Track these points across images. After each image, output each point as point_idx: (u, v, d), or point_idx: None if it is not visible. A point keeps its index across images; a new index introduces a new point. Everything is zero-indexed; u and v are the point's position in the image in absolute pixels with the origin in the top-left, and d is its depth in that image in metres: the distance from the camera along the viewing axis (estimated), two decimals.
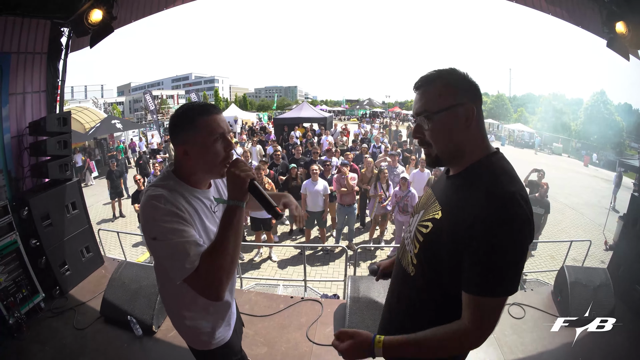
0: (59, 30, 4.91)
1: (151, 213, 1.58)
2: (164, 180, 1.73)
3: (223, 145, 1.71)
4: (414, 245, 1.56)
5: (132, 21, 5.83)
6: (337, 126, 21.55)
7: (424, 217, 1.55)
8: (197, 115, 1.67)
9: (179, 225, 1.57)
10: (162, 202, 1.59)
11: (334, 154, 10.99)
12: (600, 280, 4.37)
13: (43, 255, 4.62)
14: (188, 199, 1.72)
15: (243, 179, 1.61)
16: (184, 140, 1.69)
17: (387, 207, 8.20)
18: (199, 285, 1.54)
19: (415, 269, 1.55)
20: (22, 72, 4.72)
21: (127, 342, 4.04)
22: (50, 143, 4.69)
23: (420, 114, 1.47)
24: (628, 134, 39.20)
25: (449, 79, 1.43)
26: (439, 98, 1.42)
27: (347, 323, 3.96)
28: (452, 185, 1.51)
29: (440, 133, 1.45)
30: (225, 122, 1.75)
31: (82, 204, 5.43)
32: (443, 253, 1.40)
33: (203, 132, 1.66)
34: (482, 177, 1.39)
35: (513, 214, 1.26)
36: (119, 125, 21.77)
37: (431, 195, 1.65)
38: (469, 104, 1.41)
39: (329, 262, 7.97)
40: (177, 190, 1.69)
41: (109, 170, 12.28)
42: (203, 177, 1.82)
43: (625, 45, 4.59)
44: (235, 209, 1.60)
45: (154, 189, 1.65)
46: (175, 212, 1.59)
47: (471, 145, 1.45)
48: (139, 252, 9.06)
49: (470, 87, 1.43)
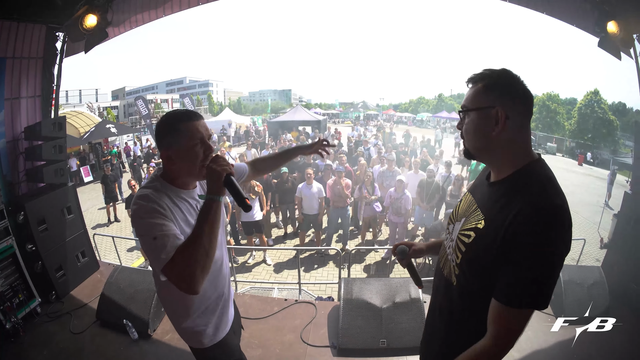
0: (54, 35, 4.93)
1: (136, 212, 1.69)
2: (151, 182, 1.85)
3: (202, 148, 1.80)
4: (456, 255, 1.56)
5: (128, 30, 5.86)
6: (330, 129, 21.55)
7: (466, 226, 1.55)
8: (178, 122, 1.77)
9: (159, 220, 1.65)
10: (145, 200, 1.70)
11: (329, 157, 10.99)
12: (594, 279, 4.41)
13: (39, 259, 4.63)
14: (173, 199, 1.81)
15: (219, 173, 1.68)
16: (167, 145, 1.78)
17: (375, 209, 8.20)
18: (173, 276, 1.57)
19: (457, 279, 1.55)
20: (17, 76, 4.73)
21: (123, 346, 4.05)
22: (45, 148, 4.70)
23: (461, 108, 1.53)
24: (622, 132, 39.48)
25: (490, 81, 1.44)
26: (476, 97, 1.46)
27: (341, 325, 3.99)
28: (496, 192, 1.49)
29: (471, 130, 1.49)
30: (205, 127, 1.85)
31: (78, 208, 5.44)
32: (485, 263, 1.39)
33: (184, 137, 1.76)
34: (528, 187, 1.37)
35: (559, 228, 1.27)
36: (113, 129, 21.64)
37: (472, 202, 1.63)
38: (502, 109, 1.40)
39: (324, 265, 7.98)
40: (162, 191, 1.80)
41: (104, 175, 12.23)
42: (187, 180, 1.92)
43: (617, 45, 4.64)
44: (212, 202, 1.66)
45: (141, 190, 1.78)
46: (156, 209, 1.68)
47: (509, 150, 1.45)
48: (134, 256, 9.04)
49: (512, 92, 1.42)
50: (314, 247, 8.58)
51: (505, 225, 1.32)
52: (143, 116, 28.45)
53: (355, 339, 3.91)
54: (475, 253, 1.45)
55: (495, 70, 1.46)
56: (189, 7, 6.25)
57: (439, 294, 1.73)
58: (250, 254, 8.32)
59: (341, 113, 62.93)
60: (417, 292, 4.12)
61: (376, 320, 3.98)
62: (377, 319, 3.98)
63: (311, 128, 22.28)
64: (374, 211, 8.25)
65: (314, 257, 8.31)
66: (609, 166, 19.85)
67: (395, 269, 7.81)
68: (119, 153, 21.61)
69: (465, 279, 1.50)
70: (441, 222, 7.18)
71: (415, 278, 2.09)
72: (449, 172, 9.57)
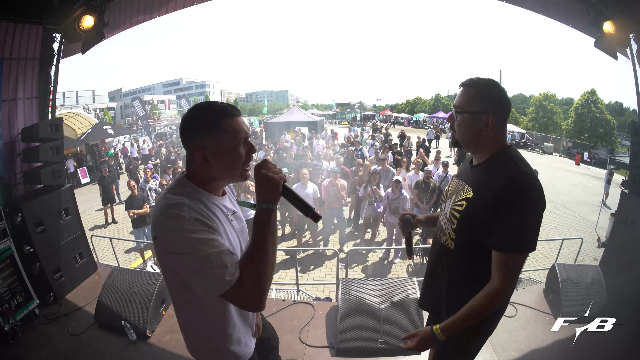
0: (51, 36, 4.92)
1: (174, 224, 1.42)
2: (180, 187, 1.58)
3: (245, 148, 1.60)
4: (451, 223, 1.94)
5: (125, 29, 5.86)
6: (327, 130, 21.58)
7: (457, 199, 1.93)
8: (218, 118, 1.53)
9: (208, 234, 1.44)
10: (184, 210, 1.44)
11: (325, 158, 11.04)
12: (592, 278, 4.42)
13: (37, 261, 4.63)
14: (208, 207, 1.58)
15: (277, 181, 1.54)
16: (203, 145, 1.53)
17: (377, 209, 8.21)
18: (241, 296, 1.45)
19: (454, 243, 1.93)
20: (14, 78, 4.73)
21: (121, 347, 4.05)
22: (42, 149, 4.70)
23: (455, 107, 1.89)
24: (619, 132, 39.63)
25: (483, 90, 1.81)
26: (470, 101, 1.83)
27: (339, 325, 3.99)
28: (478, 171, 1.89)
29: (463, 128, 1.87)
30: (246, 124, 1.65)
31: (75, 210, 5.44)
32: (478, 222, 1.77)
33: (225, 136, 1.53)
34: (503, 163, 1.79)
35: (530, 187, 1.66)
36: (110, 130, 21.61)
37: (459, 182, 2.01)
38: (491, 115, 1.79)
39: (321, 265, 7.98)
40: (196, 197, 1.55)
41: (101, 176, 12.18)
42: (223, 183, 1.72)
43: (613, 45, 4.65)
44: (270, 212, 1.52)
45: (171, 197, 1.50)
46: (201, 220, 1.46)
47: (490, 143, 1.85)
48: (131, 258, 9.02)
49: (499, 101, 1.81)
50: (312, 247, 8.55)
51: (490, 190, 1.73)
52: (140, 117, 28.50)
53: (353, 339, 3.91)
54: (468, 215, 1.84)
55: (486, 80, 1.85)
56: (184, 6, 6.26)
57: (438, 260, 2.10)
58: None
59: (338, 114, 62.99)
60: (415, 291, 4.13)
61: (374, 320, 3.98)
62: (375, 319, 3.99)
63: (308, 129, 22.25)
64: (375, 211, 8.25)
65: (311, 258, 8.30)
66: (606, 165, 19.89)
67: (393, 269, 7.81)
68: (116, 154, 21.54)
69: (461, 240, 1.89)
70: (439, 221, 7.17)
71: (409, 248, 2.46)
72: (446, 173, 9.60)
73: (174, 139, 27.21)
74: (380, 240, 9.28)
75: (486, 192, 1.75)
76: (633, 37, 4.58)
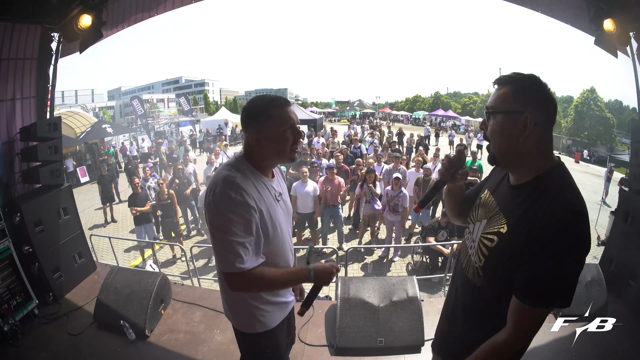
0: (49, 36, 4.90)
1: (221, 201, 1.72)
2: (237, 163, 1.90)
3: (292, 133, 1.88)
4: (479, 258, 1.61)
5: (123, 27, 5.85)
6: (326, 128, 21.56)
7: (489, 229, 1.60)
8: (271, 108, 1.85)
9: (243, 218, 1.73)
10: (234, 190, 1.72)
11: (325, 156, 11.04)
12: (592, 276, 4.40)
13: (36, 261, 4.62)
14: (257, 186, 1.87)
15: (326, 283, 1.95)
16: (257, 129, 1.85)
17: (375, 207, 8.20)
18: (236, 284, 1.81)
19: (482, 281, 1.61)
20: (12, 78, 4.71)
21: (120, 347, 4.05)
22: (41, 148, 4.69)
23: (487, 108, 1.54)
24: (618, 130, 39.66)
25: (520, 86, 1.46)
26: (504, 100, 1.47)
27: (338, 324, 3.99)
28: (518, 197, 1.52)
29: (497, 132, 1.51)
30: (295, 113, 1.93)
31: (74, 209, 5.43)
32: (509, 267, 1.44)
33: (276, 122, 1.84)
34: (548, 191, 1.41)
35: (579, 232, 1.33)
36: (109, 129, 21.61)
37: (493, 204, 1.66)
38: (530, 115, 1.42)
39: None
40: (248, 176, 1.85)
41: (100, 175, 12.17)
42: (273, 163, 2.03)
43: (613, 43, 4.64)
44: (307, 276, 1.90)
45: (229, 171, 1.82)
46: (245, 202, 1.74)
47: (532, 157, 1.48)
48: (131, 257, 9.01)
49: (540, 100, 1.44)
50: None
51: (529, 231, 1.38)
52: (139, 116, 28.47)
53: (352, 338, 3.91)
54: (498, 257, 1.51)
55: (525, 75, 1.48)
56: (182, 5, 6.24)
57: (460, 293, 1.80)
58: None
59: (337, 112, 62.94)
60: (415, 290, 4.13)
61: (373, 319, 3.98)
62: (375, 317, 3.98)
63: (307, 127, 22.23)
64: (373, 209, 8.25)
65: (310, 256, 8.25)
66: (605, 163, 19.90)
67: (392, 268, 7.81)
68: (116, 153, 21.53)
69: (488, 281, 1.57)
70: (438, 220, 7.18)
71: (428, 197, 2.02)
72: None
73: (175, 138, 27.27)
74: (379, 238, 9.28)
75: (525, 229, 1.40)
76: (633, 35, 4.57)
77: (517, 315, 1.42)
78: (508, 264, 1.45)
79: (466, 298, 1.74)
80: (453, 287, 1.90)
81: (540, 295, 1.36)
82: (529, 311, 1.39)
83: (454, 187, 2.00)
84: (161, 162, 15.79)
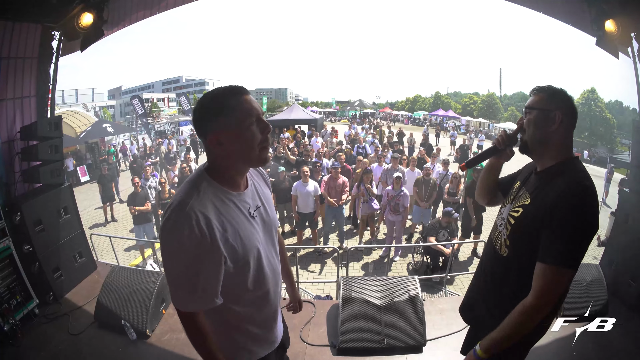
0: (50, 34, 4.88)
1: (172, 236, 1.44)
2: (195, 182, 1.56)
3: (259, 127, 1.56)
4: (506, 228, 1.92)
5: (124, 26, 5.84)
6: (327, 127, 21.53)
7: (516, 205, 1.91)
8: (228, 98, 1.52)
9: (196, 260, 1.44)
10: (184, 219, 1.42)
11: (325, 156, 11.02)
12: (592, 276, 4.39)
13: (36, 260, 4.61)
14: (219, 208, 1.54)
15: None
16: (215, 127, 1.51)
17: (372, 207, 8.19)
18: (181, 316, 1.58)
19: (508, 250, 1.90)
20: (13, 77, 4.70)
21: (121, 347, 4.04)
22: (41, 148, 4.68)
23: (526, 108, 1.92)
24: (619, 130, 39.66)
25: (553, 92, 1.84)
26: (540, 101, 1.86)
27: (340, 324, 3.97)
28: (540, 179, 1.87)
29: (532, 126, 1.87)
30: (257, 102, 1.60)
31: (74, 208, 5.42)
32: (532, 231, 1.73)
33: (237, 114, 1.51)
34: (565, 173, 1.75)
35: (587, 202, 1.62)
36: (110, 129, 21.64)
37: (522, 188, 1.98)
38: (559, 113, 1.79)
39: (321, 264, 7.98)
40: (209, 195, 1.53)
41: (100, 175, 12.19)
42: (242, 169, 1.66)
43: (615, 43, 4.63)
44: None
45: (184, 194, 1.50)
46: (198, 239, 1.42)
47: (556, 147, 1.84)
48: (131, 256, 9.02)
49: (567, 107, 1.82)
50: (312, 245, 8.53)
51: (546, 201, 1.70)
52: (139, 115, 28.48)
53: (354, 337, 3.90)
54: (523, 225, 1.80)
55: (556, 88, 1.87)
56: (184, 3, 6.24)
57: (488, 264, 2.09)
58: None
59: (338, 111, 62.92)
60: (416, 290, 4.12)
61: (375, 318, 3.97)
62: (377, 317, 3.97)
63: (308, 127, 22.21)
64: (371, 209, 8.23)
65: (312, 256, 8.30)
66: (605, 164, 19.92)
67: (393, 267, 7.81)
68: (116, 152, 21.55)
69: (514, 248, 1.86)
70: (439, 219, 7.17)
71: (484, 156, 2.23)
72: (446, 170, 9.59)
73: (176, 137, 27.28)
74: (380, 238, 9.28)
75: (543, 200, 1.72)
76: (634, 35, 4.56)
77: (539, 277, 1.65)
78: (531, 229, 1.73)
79: (493, 266, 2.02)
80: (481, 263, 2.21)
81: (556, 253, 1.60)
82: (549, 270, 1.62)
83: (496, 163, 2.26)
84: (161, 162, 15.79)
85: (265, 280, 1.73)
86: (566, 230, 1.59)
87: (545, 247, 1.64)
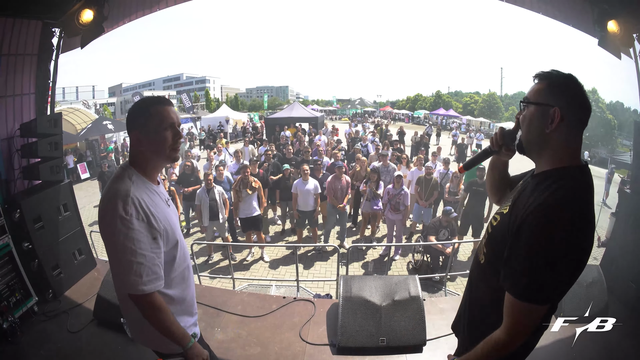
0: (50, 31, 4.88)
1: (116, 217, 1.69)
2: (125, 174, 1.85)
3: (172, 133, 1.88)
4: (486, 235, 1.74)
5: (125, 23, 5.82)
6: (327, 126, 21.51)
7: (499, 210, 1.70)
8: (150, 105, 1.86)
9: (141, 235, 1.71)
10: (128, 203, 1.71)
11: (326, 154, 11.03)
12: (593, 277, 4.39)
13: (35, 258, 4.60)
14: (150, 196, 1.85)
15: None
16: (137, 126, 1.84)
17: (374, 207, 8.18)
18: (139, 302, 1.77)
19: (484, 257, 1.70)
20: (12, 74, 4.69)
21: (121, 345, 4.01)
22: (41, 145, 4.67)
23: (523, 99, 1.59)
24: (619, 131, 39.62)
25: (555, 82, 1.50)
26: (538, 93, 1.52)
27: (340, 323, 3.96)
28: (530, 184, 1.56)
29: (525, 123, 1.56)
30: (176, 114, 1.93)
31: (74, 205, 5.41)
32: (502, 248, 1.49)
33: (155, 119, 1.84)
34: (554, 183, 1.43)
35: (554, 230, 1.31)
36: (110, 126, 21.62)
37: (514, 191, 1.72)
38: (558, 110, 1.44)
39: (321, 262, 7.97)
40: (139, 185, 1.83)
41: (101, 172, 12.16)
42: (156, 165, 1.97)
43: (617, 44, 4.62)
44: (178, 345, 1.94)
45: (118, 185, 1.78)
46: (142, 217, 1.73)
47: (553, 152, 1.51)
48: None
49: (570, 101, 1.47)
50: (312, 243, 8.50)
51: (519, 215, 1.42)
52: None
53: (354, 337, 3.89)
54: (495, 234, 1.62)
55: (562, 73, 1.51)
56: (184, 0, 6.22)
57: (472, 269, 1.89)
58: (249, 251, 8.26)
59: (338, 110, 62.99)
60: (417, 289, 4.11)
61: (375, 318, 3.96)
62: (377, 316, 3.96)
63: (308, 125, 22.21)
64: (372, 208, 8.22)
65: (312, 254, 8.29)
66: (606, 165, 19.88)
67: (393, 266, 7.80)
68: (116, 149, 21.55)
69: (487, 256, 1.67)
70: (439, 219, 7.16)
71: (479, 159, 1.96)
72: (447, 169, 9.58)
73: None
74: (380, 236, 9.27)
75: (517, 212, 1.45)
76: (637, 36, 4.55)
77: (508, 309, 1.44)
78: (501, 245, 1.50)
79: (473, 274, 1.85)
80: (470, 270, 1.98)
81: (520, 285, 1.37)
82: (517, 306, 1.39)
83: (498, 161, 1.97)
84: None
85: (185, 257, 2.07)
86: (531, 257, 1.34)
87: (508, 274, 1.43)
